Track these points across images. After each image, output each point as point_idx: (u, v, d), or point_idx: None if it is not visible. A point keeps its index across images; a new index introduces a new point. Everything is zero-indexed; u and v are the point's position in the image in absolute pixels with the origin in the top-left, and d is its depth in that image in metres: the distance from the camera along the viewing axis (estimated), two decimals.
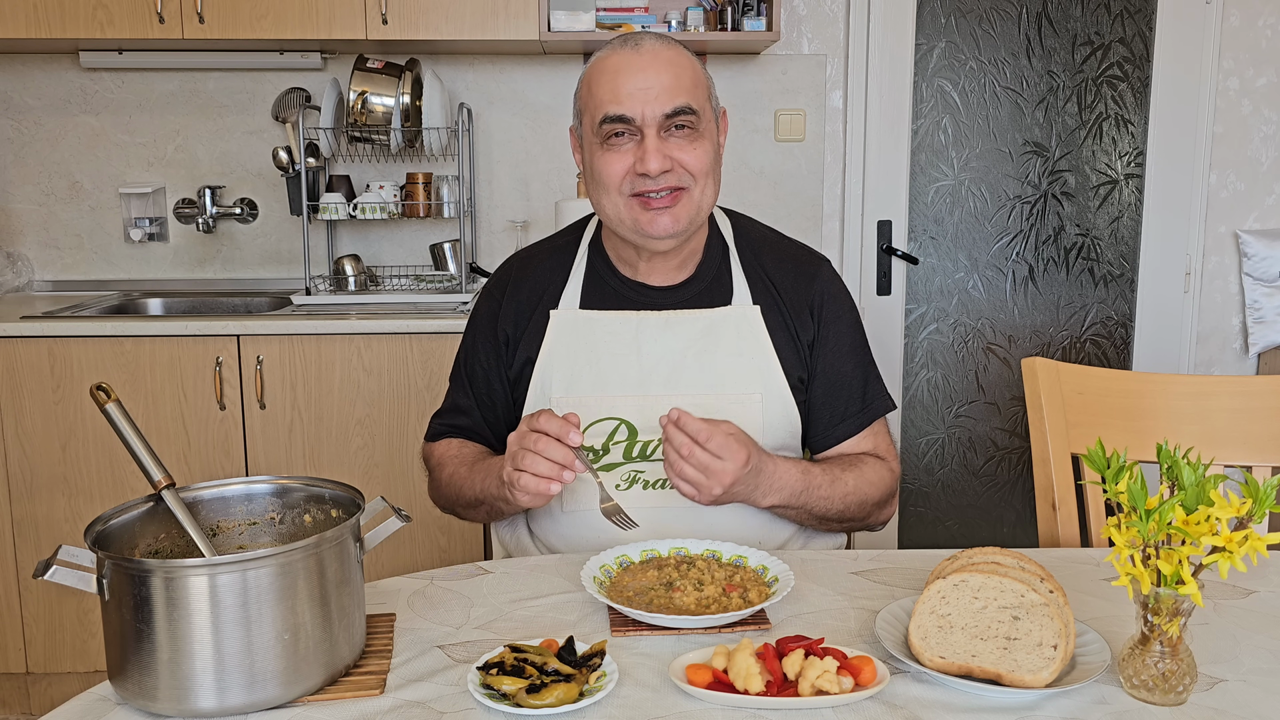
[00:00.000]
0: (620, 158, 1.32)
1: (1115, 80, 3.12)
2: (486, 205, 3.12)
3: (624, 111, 1.30)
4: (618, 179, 1.33)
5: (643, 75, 1.30)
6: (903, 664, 1.00)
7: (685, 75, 1.32)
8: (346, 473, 2.55)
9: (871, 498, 1.42)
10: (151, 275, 3.11)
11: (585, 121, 1.36)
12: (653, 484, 1.39)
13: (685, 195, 1.34)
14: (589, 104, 1.35)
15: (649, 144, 1.30)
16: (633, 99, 1.30)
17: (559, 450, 1.19)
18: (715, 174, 1.38)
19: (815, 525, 1.42)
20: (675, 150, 1.32)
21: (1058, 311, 3.23)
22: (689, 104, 1.31)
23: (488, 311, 1.50)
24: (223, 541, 1.09)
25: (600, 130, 1.33)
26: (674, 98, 1.30)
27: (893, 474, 1.46)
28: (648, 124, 1.30)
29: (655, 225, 1.33)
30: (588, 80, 1.36)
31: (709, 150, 1.35)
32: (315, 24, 2.67)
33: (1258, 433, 1.56)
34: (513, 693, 0.92)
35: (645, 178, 1.31)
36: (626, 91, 1.30)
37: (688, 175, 1.33)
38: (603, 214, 1.38)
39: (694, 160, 1.33)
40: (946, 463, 3.29)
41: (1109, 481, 0.97)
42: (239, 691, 0.91)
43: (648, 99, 1.30)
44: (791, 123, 3.10)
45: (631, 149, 1.32)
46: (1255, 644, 1.07)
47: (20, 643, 2.58)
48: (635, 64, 1.31)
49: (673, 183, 1.32)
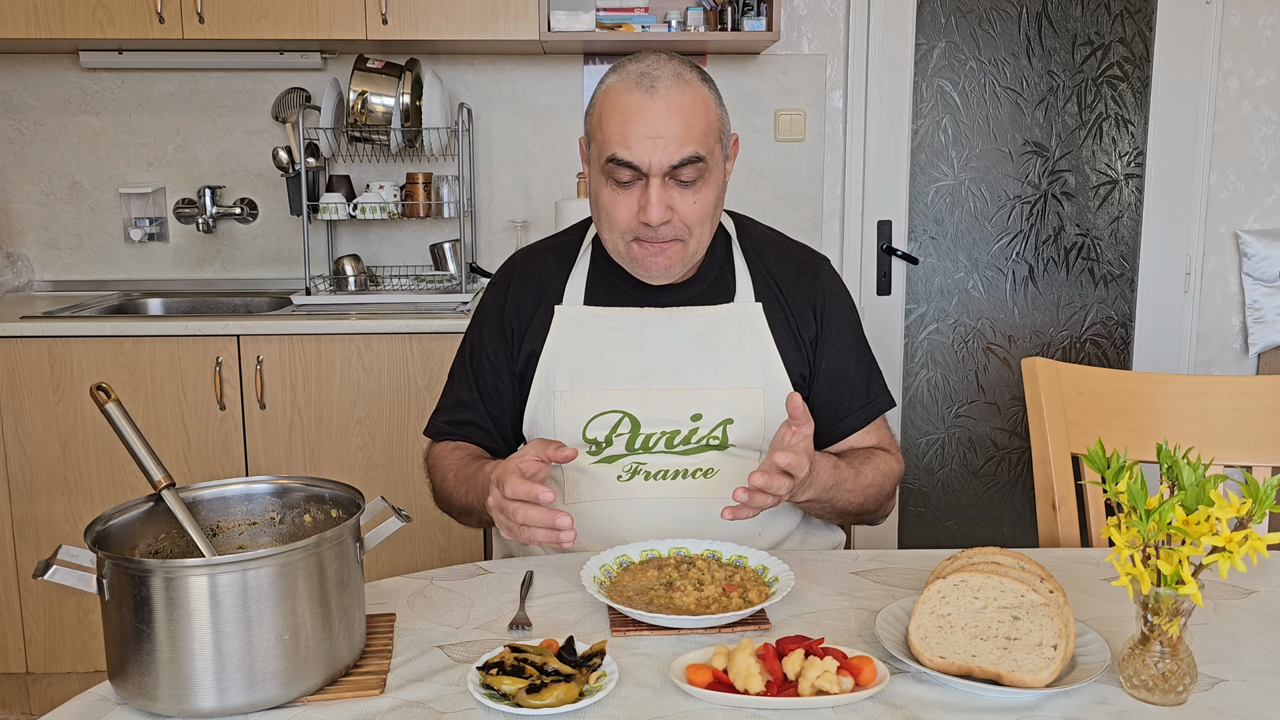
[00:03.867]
0: (625, 201, 1.33)
1: (1115, 80, 3.12)
2: (486, 205, 3.12)
3: (631, 159, 1.30)
4: (622, 225, 1.35)
5: (655, 123, 1.29)
6: (903, 664, 1.00)
7: (697, 124, 1.32)
8: (346, 473, 2.55)
9: (885, 489, 1.45)
10: (151, 275, 3.11)
11: (593, 149, 1.37)
12: (654, 475, 1.40)
13: (680, 245, 1.36)
14: (597, 136, 1.35)
15: (652, 194, 1.31)
16: (641, 146, 1.30)
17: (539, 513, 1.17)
18: (715, 216, 1.39)
19: (831, 518, 1.45)
20: (677, 199, 1.33)
21: (1058, 311, 3.23)
22: (697, 153, 1.31)
23: (493, 304, 1.52)
24: (223, 541, 1.09)
25: (605, 168, 1.33)
26: (682, 148, 1.30)
27: (899, 466, 1.50)
28: (654, 172, 1.31)
29: (650, 266, 1.37)
30: (599, 111, 1.34)
31: (710, 198, 1.36)
32: (315, 24, 2.67)
33: (1258, 433, 1.56)
34: (513, 693, 0.92)
35: (645, 226, 1.33)
36: (636, 137, 1.30)
37: (684, 229, 1.35)
38: (603, 240, 1.41)
39: (693, 212, 1.34)
40: (946, 463, 3.29)
41: (1109, 481, 0.97)
42: (239, 691, 0.91)
43: (656, 149, 1.30)
44: (791, 123, 3.10)
45: (636, 194, 1.33)
46: (1255, 644, 1.07)
47: (20, 643, 2.58)
48: (649, 111, 1.30)
49: (670, 235, 1.34)
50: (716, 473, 1.40)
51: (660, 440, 1.40)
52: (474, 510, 1.39)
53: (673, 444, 1.40)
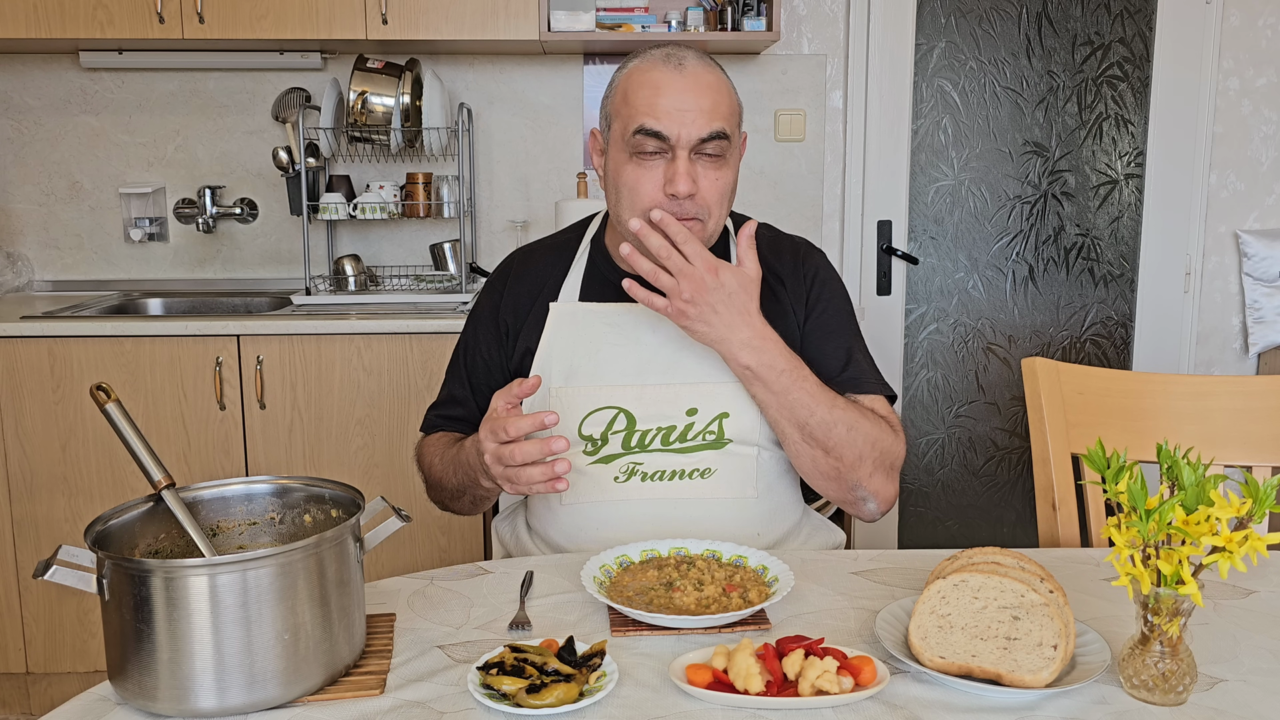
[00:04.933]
0: (650, 176, 1.33)
1: (1115, 80, 3.12)
2: (486, 205, 3.12)
3: (661, 129, 1.30)
4: (646, 200, 1.33)
5: (684, 96, 1.31)
6: (903, 664, 1.00)
7: (724, 101, 1.34)
8: (346, 473, 2.55)
9: (867, 447, 1.33)
10: (151, 275, 3.11)
11: (616, 127, 1.36)
12: (651, 476, 1.40)
13: (699, 225, 1.35)
14: (622, 111, 1.34)
15: (679, 165, 1.31)
16: (671, 118, 1.30)
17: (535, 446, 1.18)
18: (730, 200, 1.39)
19: (796, 440, 1.34)
20: (701, 174, 1.33)
21: (1058, 311, 3.23)
22: (724, 129, 1.32)
23: (489, 303, 1.52)
24: (223, 541, 1.09)
25: (632, 140, 1.32)
26: (711, 122, 1.31)
27: (898, 442, 1.39)
28: (681, 145, 1.31)
29: None
30: (624, 88, 1.35)
31: (730, 177, 1.37)
32: (315, 24, 2.67)
33: (1258, 433, 1.56)
34: (513, 693, 0.92)
35: (672, 198, 1.32)
36: (665, 109, 1.31)
37: (705, 208, 1.34)
38: (619, 222, 1.38)
39: (715, 190, 1.34)
40: (946, 463, 3.29)
41: (1109, 481, 0.97)
42: (239, 691, 0.91)
43: (685, 121, 1.30)
44: (791, 123, 3.10)
45: (660, 167, 1.33)
46: (1255, 644, 1.07)
47: (20, 643, 2.58)
48: (678, 84, 1.31)
49: (693, 211, 1.33)
50: (714, 473, 1.40)
51: (656, 438, 1.40)
52: (465, 489, 1.38)
53: (669, 441, 1.40)
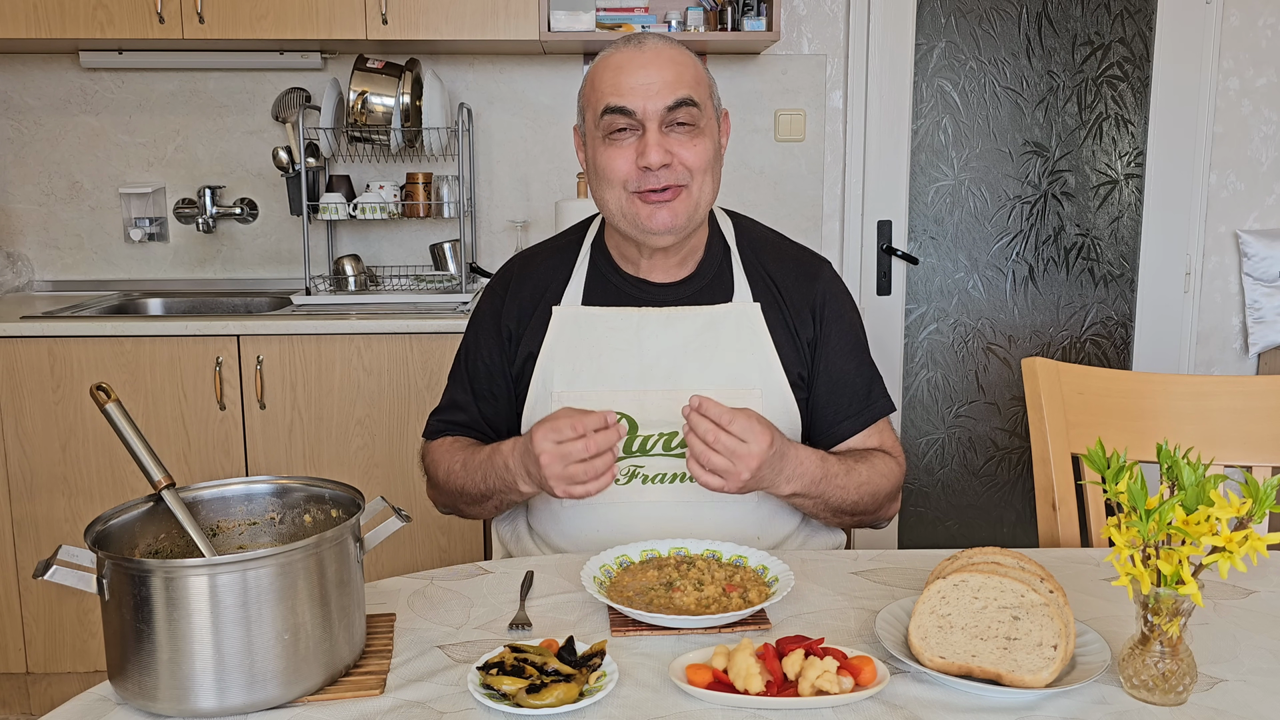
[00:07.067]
0: (623, 153, 1.35)
1: (1115, 80, 3.12)
2: (486, 205, 3.12)
3: (625, 104, 1.33)
4: (621, 175, 1.35)
5: (645, 71, 1.33)
6: (903, 664, 1.00)
7: (687, 72, 1.35)
8: (346, 473, 2.55)
9: (883, 489, 1.44)
10: (151, 275, 3.11)
11: (588, 116, 1.39)
12: (652, 479, 1.40)
13: (684, 192, 1.36)
14: (591, 98, 1.37)
15: (650, 137, 1.33)
16: (634, 93, 1.33)
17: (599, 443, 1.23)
18: (714, 172, 1.40)
19: (828, 518, 1.43)
20: (675, 146, 1.34)
21: (1058, 311, 3.23)
22: (690, 96, 1.34)
23: (490, 308, 1.52)
24: (223, 541, 1.09)
25: (602, 123, 1.35)
26: (675, 90, 1.33)
27: (900, 469, 1.48)
28: (649, 118, 1.33)
29: (654, 220, 1.35)
30: (591, 77, 1.39)
31: (708, 147, 1.37)
32: (315, 24, 2.67)
33: (1258, 433, 1.56)
34: (513, 693, 0.92)
35: (646, 171, 1.33)
36: (629, 86, 1.33)
37: (686, 172, 1.35)
38: (604, 209, 1.41)
39: (693, 157, 1.35)
40: (946, 463, 3.29)
41: (1109, 481, 0.97)
42: (239, 691, 0.91)
43: (649, 94, 1.33)
44: (791, 123, 3.10)
45: (633, 144, 1.35)
46: (1255, 644, 1.07)
47: (20, 643, 2.58)
48: (638, 60, 1.34)
49: (671, 180, 1.34)
50: None
51: (658, 442, 1.40)
52: (494, 493, 1.38)
53: (670, 446, 1.40)
